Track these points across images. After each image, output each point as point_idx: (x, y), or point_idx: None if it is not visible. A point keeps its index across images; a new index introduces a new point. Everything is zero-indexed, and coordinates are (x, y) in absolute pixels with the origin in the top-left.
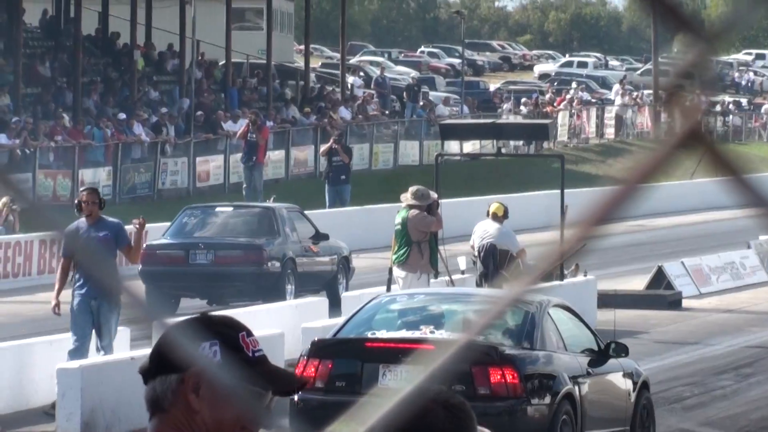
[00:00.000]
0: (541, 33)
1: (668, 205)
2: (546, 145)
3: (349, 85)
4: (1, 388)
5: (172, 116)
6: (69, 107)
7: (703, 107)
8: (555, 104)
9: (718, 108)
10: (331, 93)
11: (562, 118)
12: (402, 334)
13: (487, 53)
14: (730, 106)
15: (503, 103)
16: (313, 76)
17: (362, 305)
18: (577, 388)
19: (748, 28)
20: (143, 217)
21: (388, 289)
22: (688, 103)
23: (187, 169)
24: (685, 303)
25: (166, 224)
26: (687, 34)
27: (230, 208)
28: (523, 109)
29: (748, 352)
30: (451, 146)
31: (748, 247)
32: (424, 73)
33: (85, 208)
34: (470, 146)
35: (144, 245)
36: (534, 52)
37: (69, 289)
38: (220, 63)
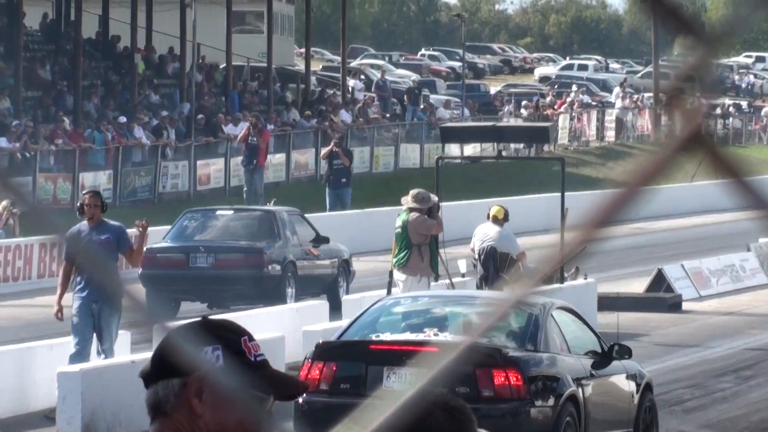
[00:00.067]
0: (541, 36)
1: (668, 208)
2: (546, 148)
3: (350, 88)
4: (2, 391)
5: (172, 119)
6: (69, 110)
7: (704, 110)
8: (555, 107)
9: (718, 111)
10: (331, 96)
11: (563, 121)
12: (406, 336)
13: (488, 56)
14: (730, 109)
15: (504, 106)
16: (313, 79)
17: (366, 308)
18: (581, 390)
19: (749, 31)
20: (146, 220)
21: (389, 293)
22: (689, 106)
23: (188, 173)
24: (685, 305)
25: (167, 227)
26: (688, 37)
27: (231, 212)
28: (523, 112)
29: (748, 355)
30: (451, 149)
31: (748, 250)
32: (425, 76)
33: (87, 211)
34: (471, 149)
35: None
36: (534, 55)
37: (70, 292)
38: (221, 66)
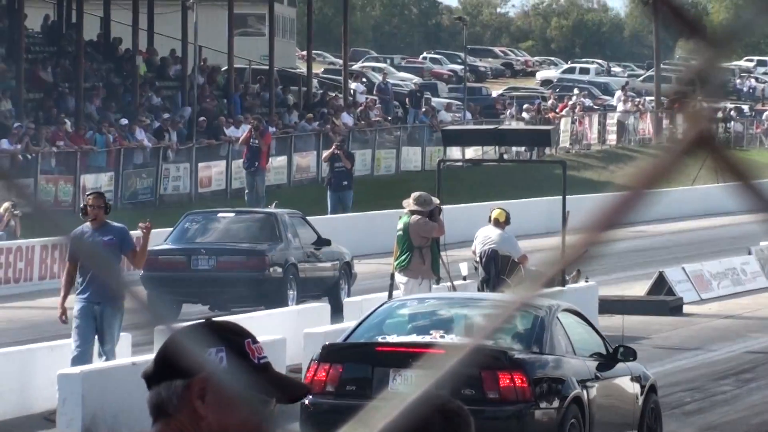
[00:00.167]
0: (543, 39)
1: (669, 211)
2: (548, 152)
3: (352, 91)
4: (3, 393)
5: (174, 122)
6: (71, 113)
7: (707, 113)
8: (557, 110)
9: (720, 114)
10: (333, 99)
11: (564, 125)
12: (412, 338)
13: (490, 59)
14: (732, 113)
15: (505, 110)
16: (315, 81)
17: (372, 310)
18: (586, 392)
19: (751, 35)
20: (150, 222)
21: (390, 295)
22: (693, 110)
23: (189, 175)
24: (686, 309)
25: (168, 230)
26: (691, 40)
27: (232, 214)
28: (525, 116)
29: (748, 358)
30: (453, 152)
31: (749, 253)
32: (427, 79)
33: (91, 212)
34: (472, 152)
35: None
36: (536, 59)
37: (73, 294)
38: (223, 69)
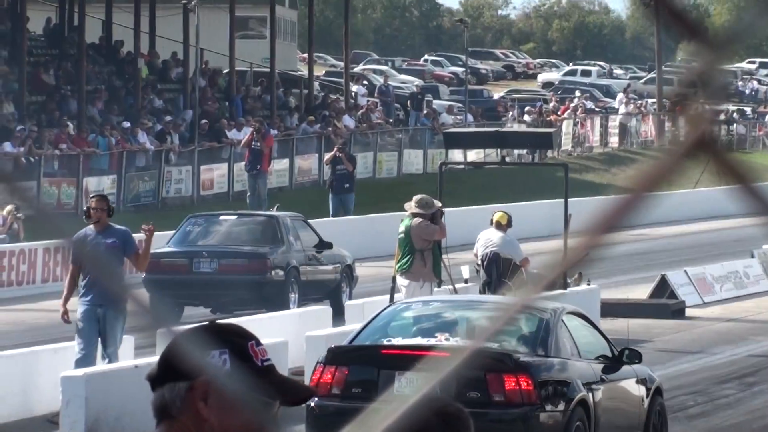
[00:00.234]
0: (544, 41)
1: (671, 214)
2: (550, 154)
3: (353, 94)
4: (6, 395)
5: (176, 124)
6: (73, 115)
7: (709, 116)
8: (559, 113)
9: (722, 117)
10: (334, 101)
11: (566, 127)
12: (417, 341)
13: (491, 62)
14: (734, 115)
15: (507, 112)
16: (316, 84)
17: (378, 312)
18: (591, 394)
19: (753, 37)
20: (153, 224)
21: (392, 298)
22: (694, 112)
23: (191, 178)
24: (689, 312)
25: (170, 232)
26: (692, 42)
27: (234, 217)
28: (526, 118)
29: (751, 361)
30: (454, 155)
31: (752, 256)
32: (428, 82)
33: (94, 215)
34: (474, 155)
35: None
36: (537, 61)
37: (76, 297)
38: (224, 71)
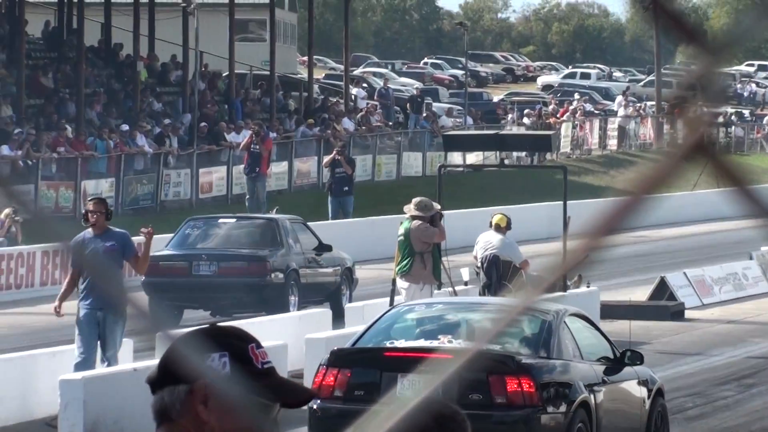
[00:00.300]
0: (544, 44)
1: (670, 216)
2: (549, 157)
3: (353, 97)
4: (4, 399)
5: (175, 127)
6: (72, 118)
7: (707, 119)
8: (558, 115)
9: (721, 119)
10: (334, 104)
11: (565, 130)
12: (420, 343)
13: (490, 64)
14: (733, 118)
15: (506, 115)
16: (316, 87)
17: (380, 315)
18: (593, 396)
19: (751, 40)
20: (151, 227)
21: (392, 301)
22: (692, 115)
23: (190, 181)
24: (688, 314)
25: (169, 236)
26: (691, 46)
27: (233, 220)
28: (526, 121)
29: (750, 363)
30: (454, 157)
31: (751, 258)
32: (428, 85)
33: (92, 218)
34: (473, 157)
35: None
36: (537, 64)
37: (74, 300)
38: (224, 74)
